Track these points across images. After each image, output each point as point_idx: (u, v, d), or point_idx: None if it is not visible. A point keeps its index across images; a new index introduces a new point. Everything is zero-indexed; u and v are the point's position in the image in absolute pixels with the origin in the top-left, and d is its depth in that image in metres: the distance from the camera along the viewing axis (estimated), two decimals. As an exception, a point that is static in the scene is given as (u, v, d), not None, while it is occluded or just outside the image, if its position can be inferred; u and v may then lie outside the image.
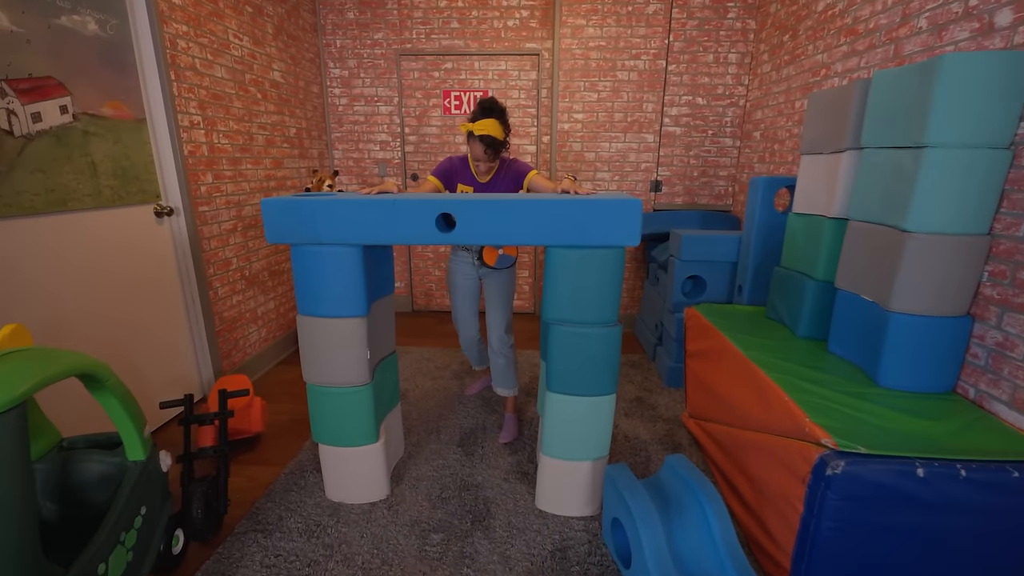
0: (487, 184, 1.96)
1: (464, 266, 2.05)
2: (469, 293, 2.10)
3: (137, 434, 1.29)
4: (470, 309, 2.13)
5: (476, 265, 2.04)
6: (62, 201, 1.70)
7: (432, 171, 1.97)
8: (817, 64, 2.32)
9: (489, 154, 1.81)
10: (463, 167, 1.96)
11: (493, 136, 1.78)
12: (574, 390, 1.54)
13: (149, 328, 2.10)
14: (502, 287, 2.06)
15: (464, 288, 2.09)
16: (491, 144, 1.79)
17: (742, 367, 1.70)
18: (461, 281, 2.08)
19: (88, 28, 1.77)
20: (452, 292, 2.13)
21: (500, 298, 2.07)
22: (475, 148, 1.81)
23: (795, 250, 2.01)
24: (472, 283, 2.08)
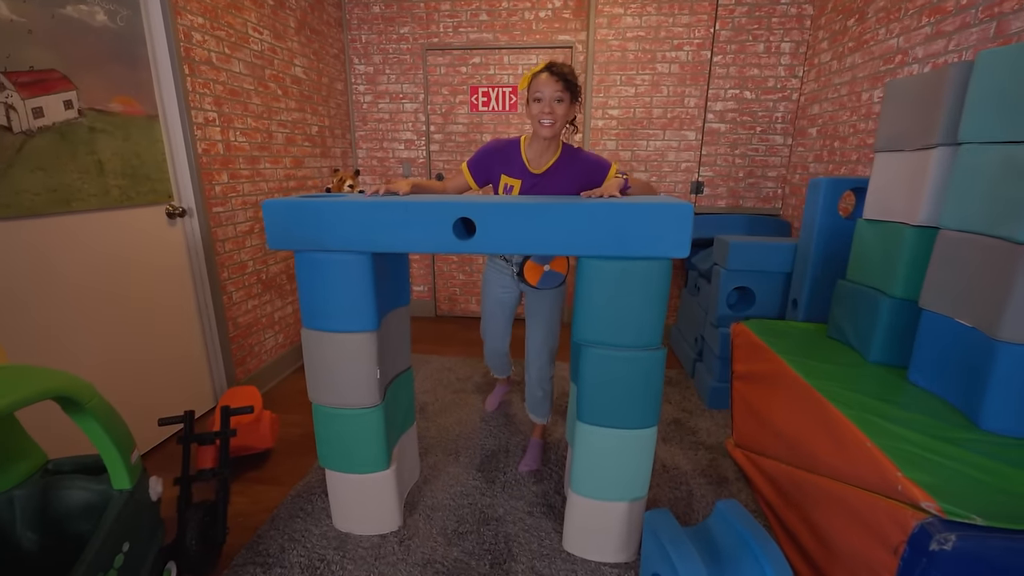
0: (544, 176, 1.55)
1: (501, 276, 1.77)
2: (505, 307, 1.83)
3: (122, 461, 1.17)
4: (502, 324, 1.87)
5: (516, 280, 1.74)
6: (65, 201, 1.61)
7: (468, 160, 1.62)
8: (890, 50, 2.04)
9: (559, 85, 1.40)
10: (511, 154, 1.56)
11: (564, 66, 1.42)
12: (609, 422, 1.34)
13: (160, 334, 2.01)
14: (548, 309, 1.74)
15: (499, 300, 1.82)
16: (559, 70, 1.41)
17: (805, 397, 1.47)
18: (497, 293, 1.80)
19: (96, 19, 1.68)
20: (484, 300, 1.86)
21: (544, 321, 1.75)
22: (539, 84, 1.42)
23: (865, 262, 1.75)
24: (510, 297, 1.81)
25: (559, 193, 1.54)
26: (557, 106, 1.44)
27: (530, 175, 1.55)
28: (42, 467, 1.23)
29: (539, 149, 1.54)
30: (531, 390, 1.86)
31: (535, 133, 1.51)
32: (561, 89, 1.42)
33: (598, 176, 1.53)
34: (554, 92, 1.42)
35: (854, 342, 1.75)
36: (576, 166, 1.54)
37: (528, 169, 1.55)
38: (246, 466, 1.92)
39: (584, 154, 1.56)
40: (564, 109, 1.45)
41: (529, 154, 1.55)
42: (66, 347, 1.65)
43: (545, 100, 1.43)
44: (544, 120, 1.44)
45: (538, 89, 1.44)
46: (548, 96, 1.43)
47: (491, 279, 1.81)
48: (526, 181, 1.56)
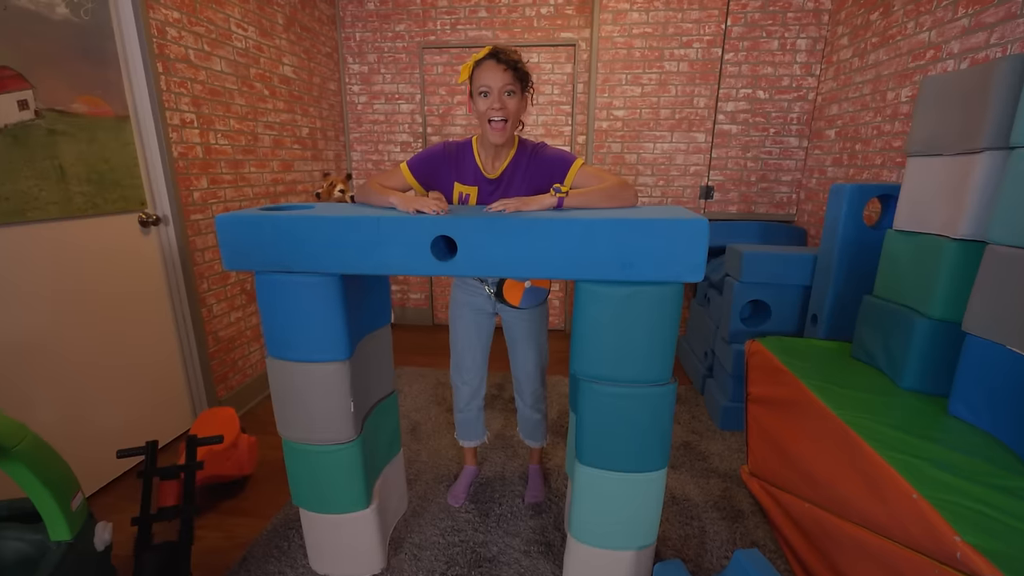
0: (500, 180, 1.33)
1: (474, 299, 1.52)
2: (482, 335, 1.56)
3: (60, 510, 1.03)
4: (480, 358, 1.59)
5: (492, 302, 1.51)
6: (18, 211, 1.48)
7: (409, 160, 1.34)
8: (920, 45, 1.88)
9: (507, 75, 1.18)
10: (462, 158, 1.34)
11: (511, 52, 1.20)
12: (612, 464, 1.18)
13: (133, 351, 1.87)
14: (536, 329, 1.53)
15: (472, 327, 1.54)
16: (507, 58, 1.18)
17: (832, 430, 1.31)
18: (469, 318, 1.53)
19: (56, 11, 1.55)
20: (454, 331, 1.57)
21: (534, 343, 1.54)
22: (484, 75, 1.19)
23: (896, 277, 1.59)
24: (487, 322, 1.56)
25: (521, 194, 1.31)
26: (508, 100, 1.21)
27: (486, 180, 1.34)
28: (-27, 513, 1.09)
29: (492, 151, 1.32)
30: (525, 416, 1.69)
31: (484, 136, 1.29)
32: (511, 79, 1.19)
33: (559, 170, 1.30)
34: (503, 84, 1.19)
35: (884, 366, 1.59)
36: (535, 164, 1.31)
37: (483, 174, 1.34)
38: (221, 495, 1.78)
39: (544, 149, 1.33)
40: (516, 103, 1.22)
41: (483, 157, 1.33)
42: (24, 369, 1.51)
43: (493, 94, 1.20)
44: (495, 117, 1.21)
45: (483, 81, 1.19)
46: (497, 88, 1.19)
47: (462, 302, 1.54)
48: (483, 188, 1.34)
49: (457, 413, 1.71)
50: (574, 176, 1.29)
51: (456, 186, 1.36)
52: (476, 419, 1.71)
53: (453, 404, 1.72)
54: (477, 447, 1.83)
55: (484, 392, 1.69)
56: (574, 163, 1.30)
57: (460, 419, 1.72)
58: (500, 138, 1.24)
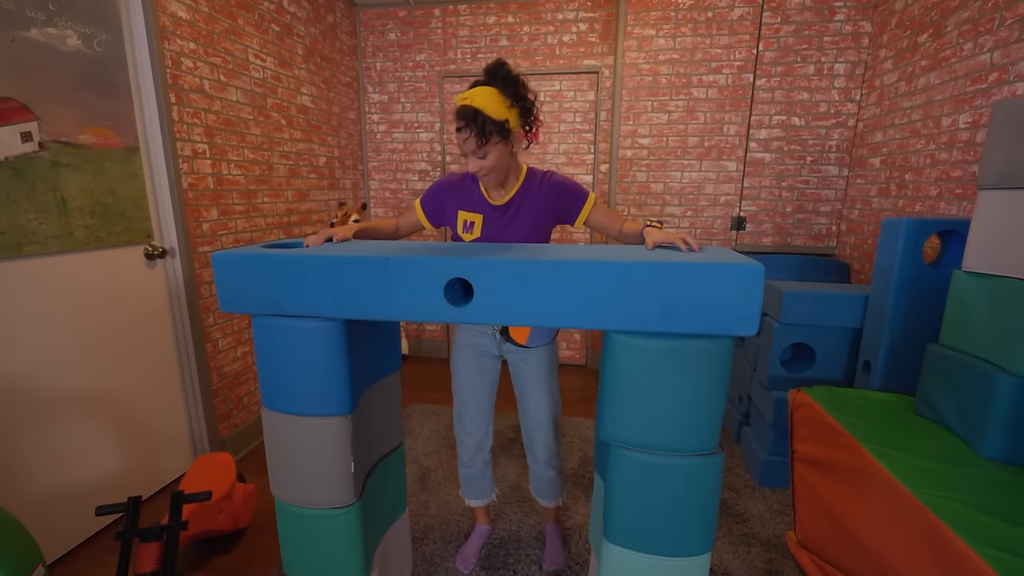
0: (507, 207, 1.28)
1: (478, 339, 1.41)
2: (483, 381, 1.44)
3: (12, 588, 0.91)
4: (486, 405, 1.47)
5: (498, 341, 1.40)
6: (15, 245, 1.41)
7: (421, 196, 1.35)
8: (981, 67, 1.72)
9: (474, 141, 1.13)
10: (467, 187, 1.31)
11: (480, 109, 1.10)
12: (646, 546, 1.01)
13: (132, 388, 1.79)
14: (546, 371, 1.41)
15: (476, 372, 1.43)
16: (470, 121, 1.11)
17: (906, 511, 1.11)
18: (473, 361, 1.42)
19: (68, 43, 1.52)
20: (457, 376, 1.45)
21: (544, 387, 1.41)
22: (463, 145, 1.16)
23: (968, 325, 1.40)
24: (490, 366, 1.44)
25: (528, 222, 1.28)
26: (484, 160, 1.17)
27: (492, 208, 1.29)
28: (-75, 585, 0.98)
29: (489, 177, 1.24)
30: (538, 472, 1.52)
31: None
32: (478, 144, 1.14)
33: (573, 202, 1.27)
34: (471, 148, 1.15)
35: (957, 427, 1.38)
36: (545, 189, 1.27)
37: (488, 201, 1.29)
38: (212, 550, 1.64)
39: (554, 177, 1.29)
40: (495, 155, 1.17)
41: (489, 186, 1.29)
42: (10, 411, 1.42)
43: (469, 157, 1.18)
44: (479, 175, 1.20)
45: (460, 144, 1.18)
46: (469, 152, 1.16)
47: (464, 343, 1.43)
48: (488, 215, 1.29)
49: (461, 468, 1.55)
50: (589, 211, 1.28)
51: (460, 214, 1.30)
52: (482, 475, 1.55)
53: (458, 459, 1.56)
54: (487, 505, 1.66)
55: (491, 444, 1.53)
56: (589, 197, 1.28)
57: (465, 475, 1.55)
58: (492, 184, 1.25)
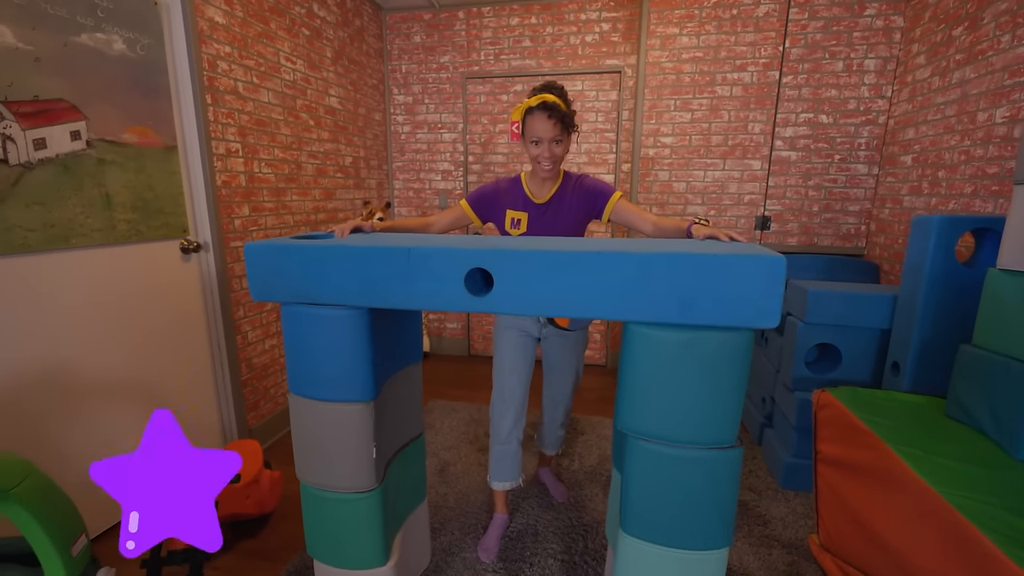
0: (548, 205, 1.47)
1: (521, 320, 1.55)
2: (524, 358, 1.55)
3: (58, 555, 0.96)
4: (523, 382, 1.55)
5: (541, 323, 1.55)
6: (63, 238, 1.50)
7: (468, 196, 1.52)
8: (1019, 59, 1.66)
9: (556, 128, 1.33)
10: (513, 189, 1.50)
11: (558, 103, 1.32)
12: (662, 538, 1.01)
13: (166, 376, 1.87)
14: (576, 354, 1.62)
15: (520, 349, 1.54)
16: (555, 111, 1.32)
17: (933, 512, 1.08)
18: (516, 340, 1.54)
19: (113, 48, 1.61)
20: (498, 355, 1.57)
21: (572, 367, 1.63)
22: (536, 126, 1.34)
23: (1003, 325, 1.35)
24: (531, 346, 1.57)
25: (566, 218, 1.47)
26: (556, 148, 1.38)
27: (535, 206, 1.49)
28: (-22, 551, 1.05)
29: (539, 182, 1.49)
30: (551, 431, 1.77)
31: (534, 171, 1.47)
32: (559, 131, 1.35)
33: (600, 201, 1.45)
34: (552, 136, 1.35)
35: (991, 430, 1.34)
36: (579, 192, 1.47)
37: (532, 200, 1.49)
38: (240, 533, 1.70)
39: (586, 180, 1.49)
40: (562, 149, 1.40)
41: (531, 187, 1.50)
42: (52, 394, 1.51)
43: (544, 144, 1.36)
44: (544, 164, 1.39)
45: (535, 132, 1.36)
46: (547, 140, 1.36)
47: (508, 324, 1.56)
48: (532, 212, 1.49)
49: (496, 446, 1.60)
50: (613, 206, 1.43)
51: (508, 212, 1.50)
52: (515, 453, 1.60)
53: (491, 437, 1.61)
54: (510, 491, 1.74)
55: (524, 424, 1.60)
56: (613, 194, 1.44)
57: (498, 452, 1.60)
58: (550, 176, 1.43)
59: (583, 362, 1.67)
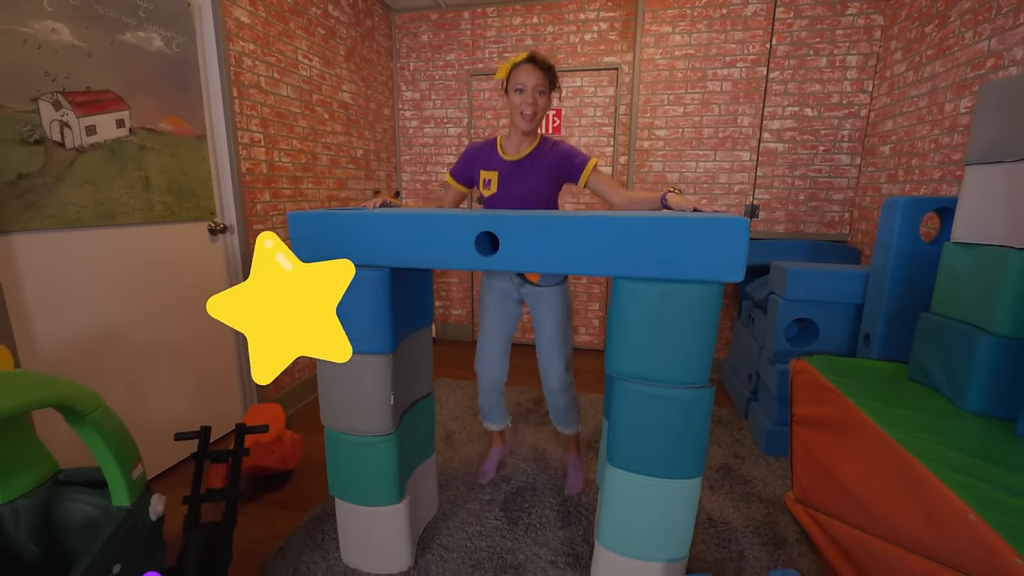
0: (519, 164, 1.53)
1: (502, 282, 1.66)
2: (504, 320, 1.69)
3: (123, 477, 1.12)
4: (500, 342, 1.71)
5: (517, 283, 1.64)
6: (110, 215, 1.67)
7: (451, 170, 1.65)
8: (980, 54, 1.81)
9: (542, 78, 1.41)
10: (487, 151, 1.58)
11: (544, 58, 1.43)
12: (644, 468, 1.17)
13: (195, 347, 2.03)
14: (555, 310, 1.63)
15: (498, 312, 1.68)
16: (541, 63, 1.42)
17: (884, 451, 1.23)
18: (498, 302, 1.68)
19: (153, 45, 1.77)
20: (483, 316, 1.72)
21: (554, 324, 1.63)
22: (521, 76, 1.42)
23: (956, 292, 1.50)
24: (511, 307, 1.69)
25: (537, 180, 1.53)
26: (539, 98, 1.44)
27: (506, 164, 1.55)
28: (52, 477, 1.21)
29: (516, 140, 1.54)
30: (552, 400, 1.75)
31: (513, 125, 1.52)
32: (543, 81, 1.43)
33: (576, 165, 1.50)
34: (537, 83, 1.42)
35: (944, 387, 1.48)
36: (553, 155, 1.52)
37: (503, 159, 1.55)
38: (265, 487, 1.86)
39: (562, 144, 1.55)
40: (545, 101, 1.46)
41: (506, 147, 1.56)
42: (102, 354, 1.67)
43: (528, 91, 1.43)
44: (526, 111, 1.44)
45: (519, 80, 1.43)
46: (531, 87, 1.43)
47: (491, 288, 1.69)
48: (503, 171, 1.55)
49: (481, 397, 1.81)
50: (590, 172, 1.50)
51: (481, 173, 1.59)
52: (497, 404, 1.81)
53: (478, 390, 1.81)
54: (503, 430, 1.94)
55: (505, 380, 1.77)
56: (589, 162, 1.50)
57: (484, 403, 1.82)
58: (528, 126, 1.47)
59: (570, 329, 1.68)
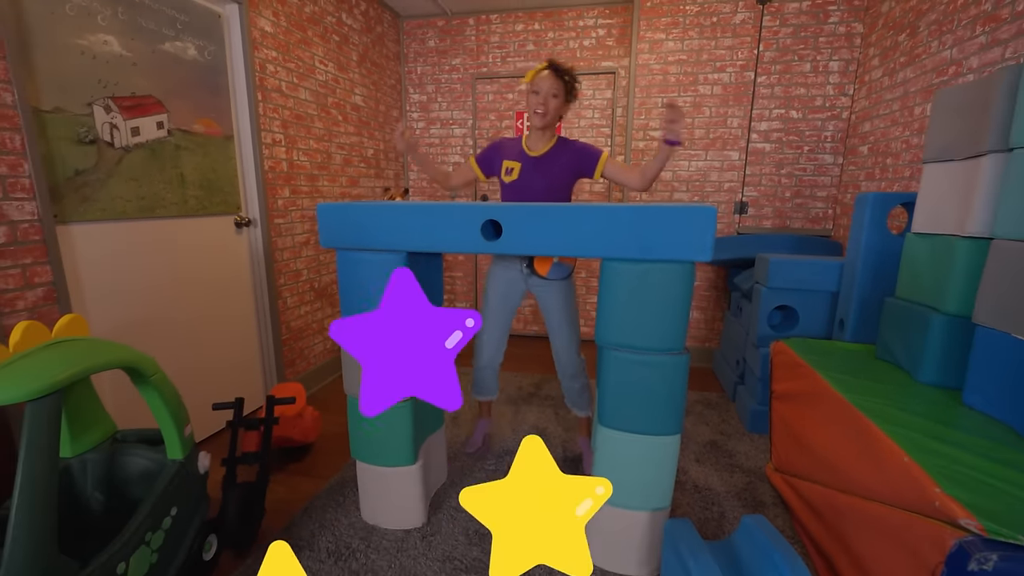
0: (540, 159, 1.71)
1: (509, 271, 1.79)
2: (506, 306, 1.82)
3: (177, 432, 1.30)
4: (502, 324, 1.85)
5: (525, 274, 1.77)
6: (150, 208, 1.84)
7: (476, 155, 1.83)
8: (943, 62, 1.97)
9: (557, 84, 1.60)
10: (513, 144, 1.78)
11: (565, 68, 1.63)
12: (630, 426, 1.33)
13: (221, 331, 2.20)
14: (563, 302, 1.77)
15: (502, 298, 1.81)
16: (559, 71, 1.61)
17: (843, 415, 1.39)
18: (501, 289, 1.80)
19: (188, 53, 1.95)
20: (487, 300, 1.84)
21: (563, 314, 1.78)
22: (540, 82, 1.61)
23: (915, 277, 1.66)
24: (514, 294, 1.81)
25: (555, 174, 1.71)
26: (551, 100, 1.63)
27: (529, 158, 1.73)
28: (111, 436, 1.38)
29: (536, 137, 1.73)
30: (566, 384, 1.89)
31: (532, 124, 1.71)
32: (558, 87, 1.62)
33: (590, 160, 1.69)
34: (551, 88, 1.62)
35: (903, 362, 1.65)
36: (569, 152, 1.71)
37: (527, 153, 1.74)
38: (288, 458, 2.03)
39: (577, 143, 1.73)
40: (556, 105, 1.64)
41: (529, 143, 1.75)
42: (141, 335, 1.85)
43: (542, 94, 1.62)
44: (538, 110, 1.63)
45: (538, 84, 1.63)
46: (545, 91, 1.62)
47: (497, 275, 1.82)
48: (525, 163, 1.73)
49: (475, 370, 1.98)
50: (604, 164, 1.69)
51: (504, 163, 1.77)
52: (491, 377, 1.99)
53: (473, 362, 1.98)
54: (491, 402, 2.11)
55: (501, 359, 1.95)
56: (602, 154, 1.70)
57: (477, 375, 1.99)
58: (540, 123, 1.67)
59: (577, 321, 1.82)
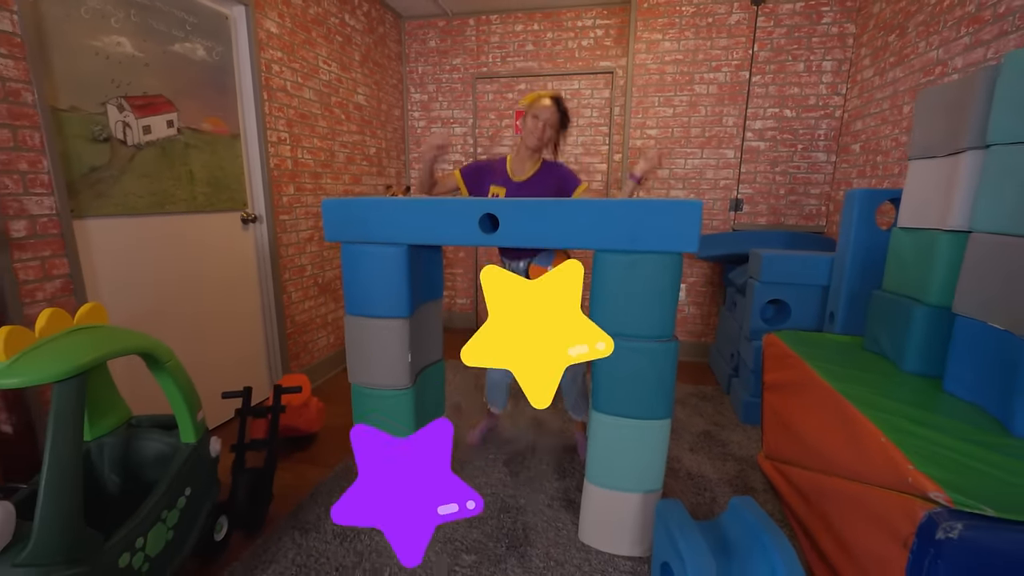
0: (524, 184, 1.79)
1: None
2: None
3: (190, 417, 1.36)
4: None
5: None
6: (160, 204, 1.90)
7: (462, 168, 1.85)
8: (930, 62, 2.02)
9: (556, 117, 1.72)
10: (498, 167, 1.84)
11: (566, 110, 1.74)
12: (622, 411, 1.39)
13: (228, 324, 2.26)
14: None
15: None
16: (562, 106, 1.72)
17: (829, 402, 1.45)
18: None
19: (197, 54, 2.01)
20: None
21: None
22: (543, 110, 1.71)
23: (900, 271, 1.72)
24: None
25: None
26: (548, 130, 1.74)
27: (513, 183, 1.80)
28: (127, 421, 1.44)
29: (522, 160, 1.80)
30: (568, 392, 1.95)
31: (522, 143, 1.78)
32: (557, 120, 1.74)
33: (569, 185, 1.78)
34: (551, 118, 1.73)
35: (889, 352, 1.70)
36: (552, 177, 1.79)
37: (511, 179, 1.81)
38: (294, 447, 2.10)
39: (562, 167, 1.82)
40: (551, 134, 1.76)
41: (514, 166, 1.82)
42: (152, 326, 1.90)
43: (541, 121, 1.72)
44: (537, 133, 1.73)
45: (538, 110, 1.73)
46: (544, 119, 1.72)
47: None
48: (510, 189, 1.80)
49: (490, 393, 2.06)
50: (581, 193, 1.78)
51: (491, 187, 1.83)
52: (504, 392, 2.04)
53: (486, 386, 2.06)
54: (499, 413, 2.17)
55: (511, 379, 1.99)
56: (580, 185, 1.79)
57: (492, 396, 2.07)
58: (535, 145, 1.75)
59: None
